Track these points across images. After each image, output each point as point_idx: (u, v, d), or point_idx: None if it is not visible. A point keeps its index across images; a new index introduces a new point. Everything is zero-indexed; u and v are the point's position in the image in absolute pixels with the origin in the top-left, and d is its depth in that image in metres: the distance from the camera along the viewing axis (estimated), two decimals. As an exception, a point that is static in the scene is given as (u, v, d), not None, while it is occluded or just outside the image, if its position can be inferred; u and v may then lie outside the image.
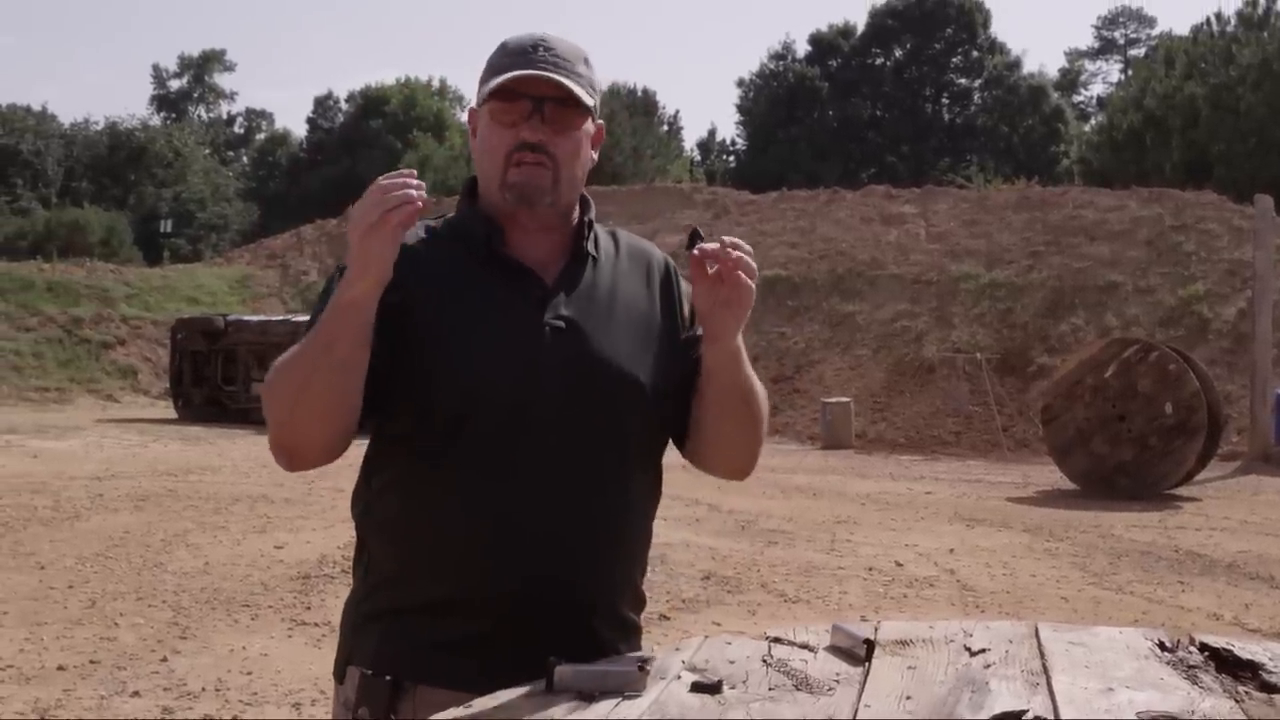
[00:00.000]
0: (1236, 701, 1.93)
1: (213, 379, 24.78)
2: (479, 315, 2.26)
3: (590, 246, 2.38)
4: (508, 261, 2.31)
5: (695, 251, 2.16)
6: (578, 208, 2.40)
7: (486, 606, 2.23)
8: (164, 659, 7.17)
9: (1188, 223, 25.86)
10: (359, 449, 2.36)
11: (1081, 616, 8.43)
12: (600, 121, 2.41)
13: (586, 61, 2.35)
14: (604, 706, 1.87)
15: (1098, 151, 44.50)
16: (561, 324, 2.28)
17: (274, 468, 12.52)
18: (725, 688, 1.94)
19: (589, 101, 2.30)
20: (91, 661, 7.09)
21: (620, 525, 2.35)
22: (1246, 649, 2.19)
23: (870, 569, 10.27)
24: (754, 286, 2.19)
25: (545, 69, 2.26)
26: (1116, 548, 11.59)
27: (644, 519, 2.42)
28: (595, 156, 2.42)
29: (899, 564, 10.53)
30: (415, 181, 2.10)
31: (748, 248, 2.18)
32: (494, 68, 2.30)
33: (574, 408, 2.22)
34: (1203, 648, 2.22)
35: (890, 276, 27.26)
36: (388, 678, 2.26)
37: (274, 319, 26.14)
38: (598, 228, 2.43)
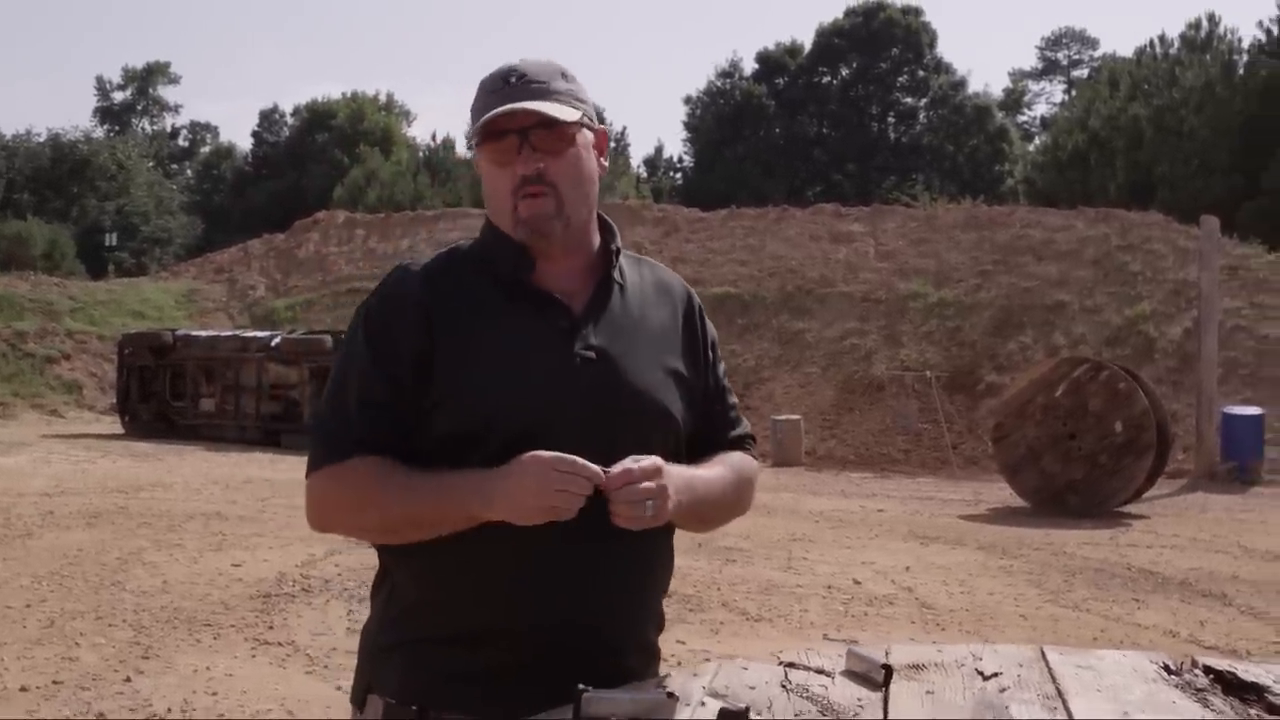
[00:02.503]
0: (1249, 725, 1.98)
1: (161, 394, 24.58)
2: (510, 347, 2.28)
3: (617, 275, 2.40)
4: (536, 291, 2.32)
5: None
6: (601, 234, 2.43)
7: (517, 638, 2.24)
8: (127, 679, 7.12)
9: (1134, 243, 26.13)
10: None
11: (1041, 635, 8.50)
12: (600, 126, 2.42)
13: (564, 75, 2.35)
14: (637, 733, 1.89)
15: (1042, 171, 44.93)
16: (592, 354, 2.30)
17: (225, 484, 12.42)
18: (751, 714, 1.96)
19: (572, 116, 2.31)
20: (54, 682, 7.04)
21: (649, 554, 2.38)
22: (1250, 671, 2.23)
23: (829, 587, 10.32)
24: (642, 519, 2.19)
25: (519, 99, 2.28)
26: (1070, 565, 11.69)
27: (669, 545, 2.46)
28: (606, 162, 2.44)
29: (857, 582, 10.58)
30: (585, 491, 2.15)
31: (640, 489, 2.17)
32: (475, 111, 2.33)
33: (603, 437, 2.23)
34: (1206, 670, 2.27)
35: (840, 294, 27.38)
36: (414, 707, 2.27)
37: (223, 334, 25.94)
38: (624, 256, 2.45)
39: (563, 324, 2.31)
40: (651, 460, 2.18)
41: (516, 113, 2.26)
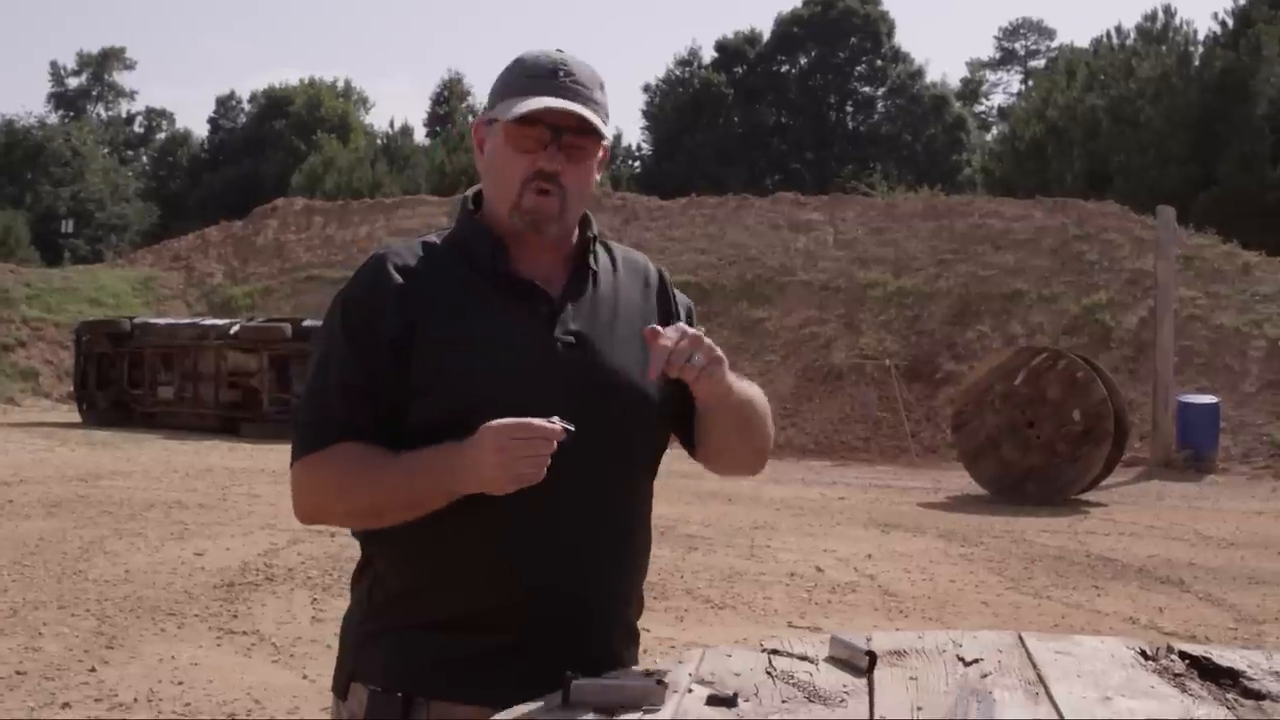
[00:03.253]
0: (1229, 709, 2.01)
1: (119, 382, 24.43)
2: (491, 334, 2.29)
3: (592, 261, 2.41)
4: (514, 279, 2.33)
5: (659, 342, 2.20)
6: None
7: (501, 621, 2.26)
8: (92, 669, 7.09)
9: (1091, 232, 26.29)
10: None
11: (1003, 622, 8.57)
12: (608, 142, 2.44)
13: (602, 87, 2.37)
14: (628, 720, 1.91)
15: (1000, 161, 45.13)
16: (572, 339, 2.31)
17: (185, 472, 12.38)
18: (740, 701, 1.98)
19: (607, 135, 2.35)
20: (18, 672, 6.99)
21: (630, 535, 2.41)
22: (1225, 656, 2.27)
23: (792, 574, 10.37)
24: (715, 358, 2.24)
25: (568, 98, 2.28)
26: (1030, 552, 11.79)
27: (649, 526, 2.48)
28: (599, 177, 2.46)
29: (819, 569, 10.64)
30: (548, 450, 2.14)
31: (693, 339, 2.21)
32: (513, 88, 2.31)
33: (585, 421, 2.22)
34: (1183, 655, 2.30)
35: (799, 283, 27.44)
36: (399, 694, 2.27)
37: (181, 322, 25.80)
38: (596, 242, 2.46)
39: (542, 310, 2.32)
40: (677, 327, 2.24)
41: (567, 112, 2.27)
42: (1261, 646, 4.78)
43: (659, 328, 2.20)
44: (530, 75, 2.31)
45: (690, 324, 2.51)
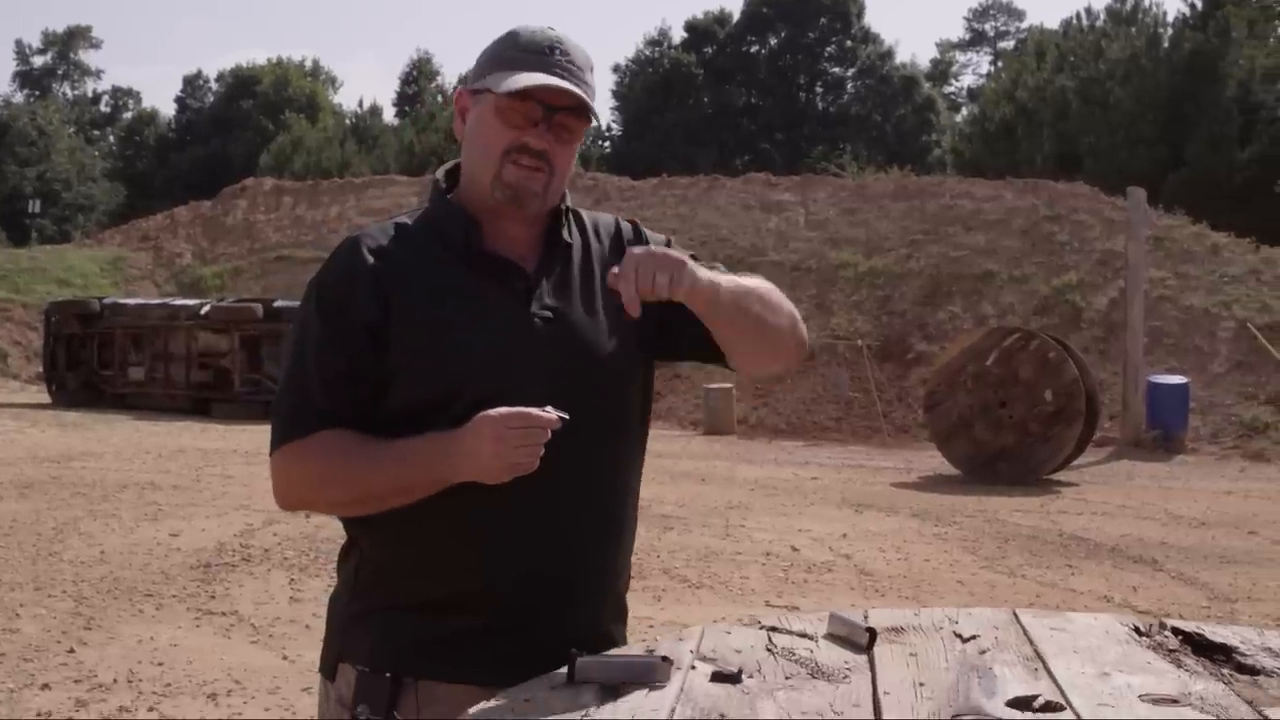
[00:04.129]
0: (1225, 684, 2.03)
1: (89, 363, 24.30)
2: (468, 313, 2.27)
3: (566, 234, 2.39)
4: (489, 256, 2.31)
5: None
6: None
7: (488, 600, 2.25)
8: (71, 650, 7.07)
9: (1061, 213, 26.40)
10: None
11: (979, 600, 8.63)
12: (593, 126, 2.43)
13: (592, 70, 2.36)
14: (635, 697, 1.91)
15: (970, 142, 45.28)
16: (549, 314, 2.30)
17: (157, 453, 12.32)
18: (744, 677, 1.99)
19: (598, 118, 2.34)
20: (-4, 653, 6.99)
21: (619, 510, 2.40)
22: (1217, 632, 2.29)
23: (768, 554, 10.41)
24: (674, 263, 2.14)
25: (563, 77, 2.26)
26: (1003, 532, 11.85)
27: (636, 501, 2.48)
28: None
29: (795, 549, 10.68)
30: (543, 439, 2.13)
31: (643, 259, 2.12)
32: (505, 61, 2.29)
33: (567, 397, 2.21)
34: (1175, 632, 2.32)
35: (770, 263, 27.42)
36: (387, 675, 2.26)
37: (152, 302, 25.65)
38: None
39: (519, 287, 2.30)
40: (641, 249, 2.15)
41: (563, 91, 2.25)
42: (1236, 623, 4.82)
43: (615, 270, 2.12)
44: (524, 49, 2.29)
45: None
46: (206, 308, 23.58)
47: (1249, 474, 17.39)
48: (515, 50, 2.30)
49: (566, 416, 2.14)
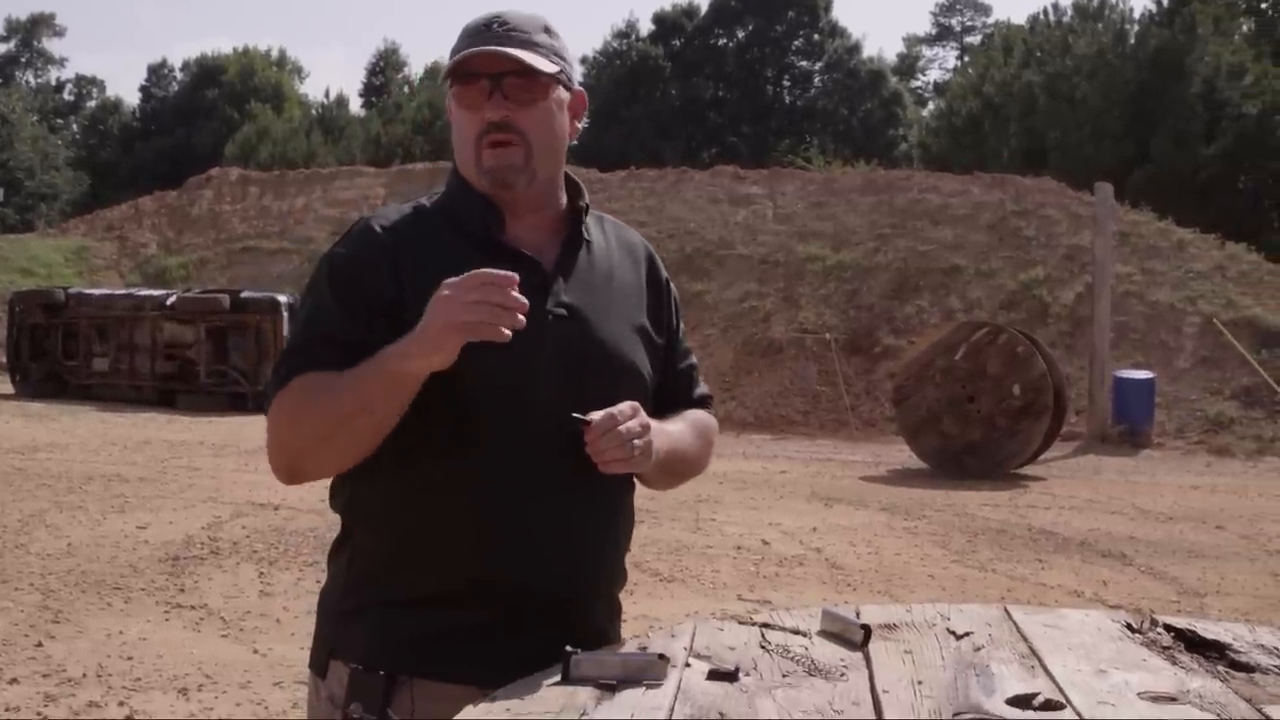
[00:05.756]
0: (1223, 681, 2.03)
1: (53, 354, 24.10)
2: None
3: (584, 232, 2.38)
4: (506, 248, 2.28)
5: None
6: (567, 191, 2.40)
7: (486, 597, 2.22)
8: (39, 644, 7.00)
9: (1028, 208, 26.48)
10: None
11: (951, 594, 8.64)
12: (578, 88, 2.40)
13: (548, 30, 2.32)
14: (632, 696, 1.89)
15: (937, 136, 45.42)
16: (564, 311, 2.28)
17: (123, 445, 12.20)
18: (741, 675, 1.98)
19: (550, 69, 2.27)
20: (-37, 647, 6.91)
21: (617, 510, 2.38)
22: (1209, 629, 2.30)
23: (738, 548, 10.41)
24: (632, 459, 2.20)
25: (498, 44, 2.24)
26: (972, 526, 11.89)
27: (630, 501, 2.45)
28: (580, 125, 2.42)
29: (765, 542, 10.68)
30: (518, 302, 2.05)
31: (624, 429, 2.18)
32: (454, 53, 2.28)
33: (575, 394, 2.21)
34: (1168, 628, 2.32)
35: (738, 257, 27.47)
36: (381, 673, 2.22)
37: (117, 293, 25.48)
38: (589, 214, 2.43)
39: (534, 281, 2.24)
40: (630, 403, 2.19)
41: (494, 55, 2.22)
42: (1206, 617, 4.83)
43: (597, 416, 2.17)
44: (468, 34, 2.29)
45: (676, 315, 2.53)
46: (172, 298, 23.43)
47: (1214, 469, 17.50)
48: (463, 38, 2.29)
49: (583, 417, 2.15)
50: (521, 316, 2.07)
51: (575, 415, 2.15)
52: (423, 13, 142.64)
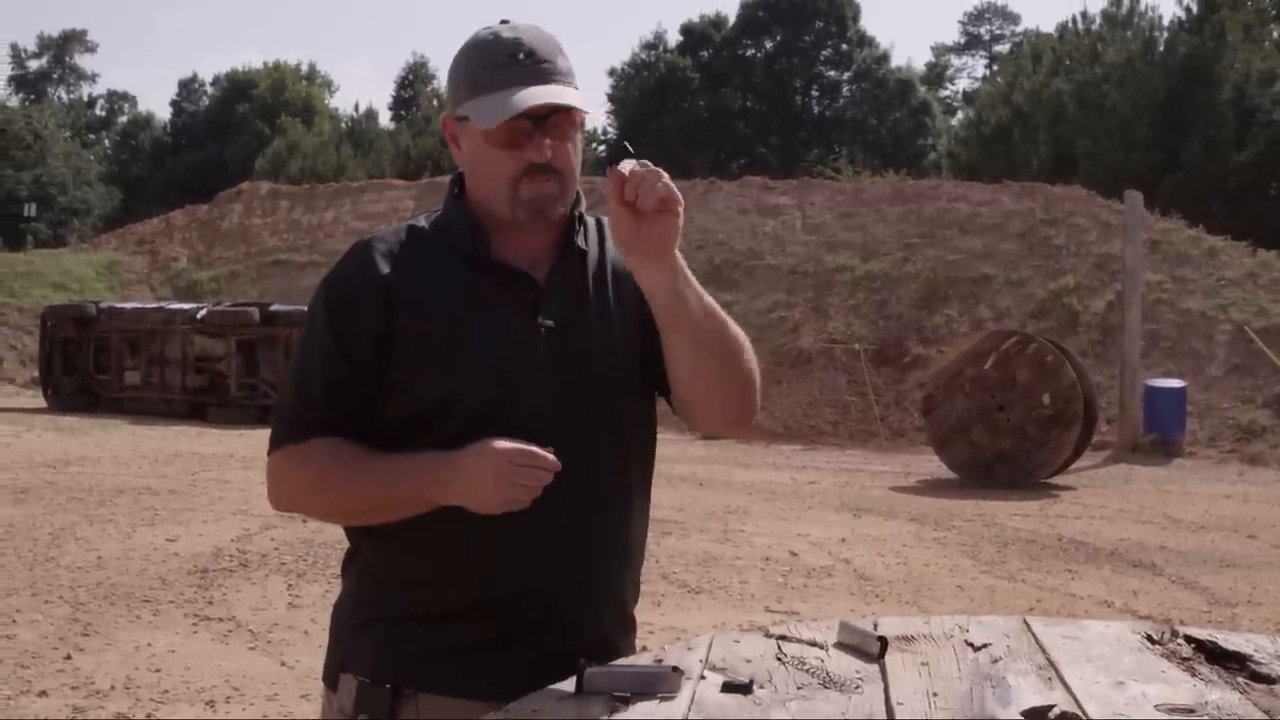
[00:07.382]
0: (1242, 693, 2.01)
1: (85, 368, 24.23)
2: (473, 323, 2.23)
3: (580, 241, 2.34)
4: (497, 265, 2.27)
5: (618, 168, 2.10)
6: None
7: (491, 612, 2.23)
8: (68, 656, 7.04)
9: (1058, 217, 26.39)
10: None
11: (979, 605, 8.60)
12: (587, 112, 2.34)
13: (562, 52, 2.27)
14: (645, 708, 1.88)
15: (966, 146, 45.26)
16: (555, 324, 2.26)
17: (154, 458, 12.28)
18: (755, 687, 1.97)
19: (590, 106, 2.24)
20: (-8, 660, 6.95)
21: (624, 524, 2.37)
22: (1230, 640, 2.27)
23: (767, 559, 10.38)
24: (679, 218, 2.14)
25: (533, 81, 2.18)
26: (1002, 536, 11.83)
27: (644, 514, 2.44)
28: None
29: (794, 553, 10.66)
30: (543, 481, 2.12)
31: (666, 177, 2.12)
32: (479, 83, 2.21)
33: (572, 408, 2.22)
34: (1188, 639, 2.30)
35: (767, 267, 27.45)
36: (388, 686, 2.23)
37: (148, 306, 25.60)
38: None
39: (526, 296, 2.26)
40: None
41: (546, 106, 2.17)
42: (1238, 628, 4.81)
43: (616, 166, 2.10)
44: (490, 65, 2.21)
45: None
46: (203, 312, 23.54)
47: (1247, 477, 17.39)
48: (482, 68, 2.21)
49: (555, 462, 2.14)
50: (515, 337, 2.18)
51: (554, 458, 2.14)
52: (451, 25, 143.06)
